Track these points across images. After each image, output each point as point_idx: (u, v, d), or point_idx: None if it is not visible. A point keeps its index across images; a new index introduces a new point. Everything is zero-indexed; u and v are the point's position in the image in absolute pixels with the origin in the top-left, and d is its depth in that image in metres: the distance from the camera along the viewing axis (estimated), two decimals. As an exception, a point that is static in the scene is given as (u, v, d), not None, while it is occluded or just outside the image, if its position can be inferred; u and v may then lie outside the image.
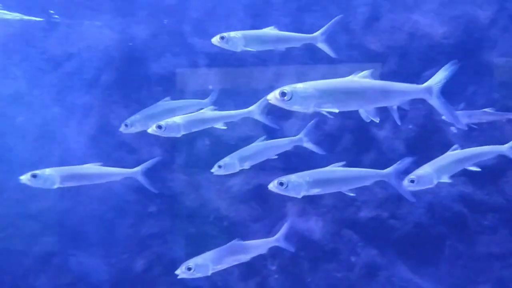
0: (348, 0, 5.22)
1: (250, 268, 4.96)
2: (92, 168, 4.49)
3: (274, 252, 5.05)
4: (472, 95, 5.18)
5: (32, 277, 5.29)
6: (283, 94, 2.92)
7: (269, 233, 5.16)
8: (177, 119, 4.33)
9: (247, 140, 4.64)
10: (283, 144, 4.45)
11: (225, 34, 4.05)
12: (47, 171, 4.18)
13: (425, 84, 3.10)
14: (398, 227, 5.06)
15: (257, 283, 5.11)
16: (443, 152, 3.98)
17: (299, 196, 3.82)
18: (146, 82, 5.73)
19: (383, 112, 3.22)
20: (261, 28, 4.29)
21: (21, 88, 5.53)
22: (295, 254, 4.79)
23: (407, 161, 3.87)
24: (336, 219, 5.05)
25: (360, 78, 3.12)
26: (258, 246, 4.43)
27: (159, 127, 4.25)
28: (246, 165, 4.36)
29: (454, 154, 3.93)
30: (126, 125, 4.59)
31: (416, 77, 4.63)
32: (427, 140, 5.18)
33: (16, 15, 5.54)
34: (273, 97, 2.96)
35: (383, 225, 5.07)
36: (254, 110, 4.43)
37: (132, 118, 4.60)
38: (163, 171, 5.67)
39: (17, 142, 5.43)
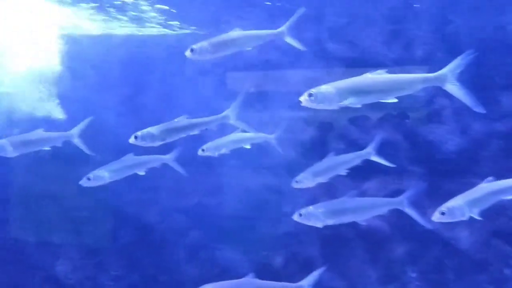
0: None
1: (389, 273, 4.92)
2: (36, 134, 4.90)
3: (414, 258, 4.95)
4: None
5: (184, 267, 5.94)
6: (310, 95, 3.31)
7: (406, 239, 5.07)
8: (152, 129, 4.45)
9: (383, 144, 4.61)
10: (351, 159, 4.45)
11: (194, 46, 4.11)
12: (2, 140, 4.72)
13: (438, 73, 3.31)
14: (561, 241, 4.59)
15: (396, 289, 5.07)
16: None
17: (320, 226, 4.05)
18: (280, 88, 6.01)
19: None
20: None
21: (175, 95, 6.22)
22: (438, 262, 4.63)
23: (419, 187, 3.93)
24: (485, 229, 4.71)
25: (374, 75, 3.37)
26: None
27: (135, 137, 4.39)
28: (318, 180, 4.46)
29: (487, 186, 3.60)
30: (88, 179, 4.83)
31: None
32: None
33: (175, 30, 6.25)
34: (303, 98, 3.34)
35: (542, 237, 4.63)
36: (228, 115, 4.56)
37: (96, 172, 4.83)
38: (296, 172, 5.91)
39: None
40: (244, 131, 4.97)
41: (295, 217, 4.10)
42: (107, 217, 6.08)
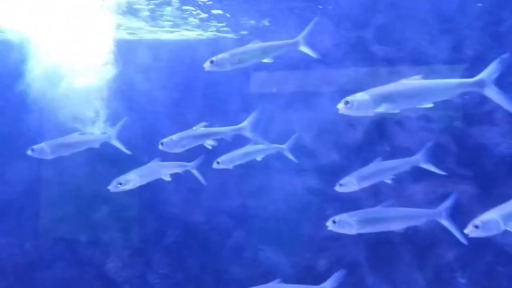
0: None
1: (438, 279, 4.78)
2: (74, 137, 5.09)
3: (464, 263, 4.79)
4: None
5: (228, 267, 6.01)
6: (346, 102, 3.34)
7: (456, 244, 4.91)
8: (174, 136, 4.66)
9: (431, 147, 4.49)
10: (399, 165, 4.36)
11: (213, 58, 4.22)
12: (41, 144, 4.93)
13: (476, 78, 3.22)
14: None
15: (445, 295, 4.91)
16: None
17: (353, 234, 4.03)
18: (323, 88, 5.98)
19: None
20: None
21: (222, 98, 6.31)
22: (490, 268, 4.45)
23: (454, 198, 3.88)
24: (542, 235, 4.50)
25: (410, 81, 3.36)
26: None
27: (161, 143, 4.66)
28: (363, 185, 4.37)
29: None
30: (120, 184, 4.87)
31: None
32: None
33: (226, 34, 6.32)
34: (340, 106, 3.37)
35: None
36: (245, 126, 4.71)
37: (125, 177, 4.90)
38: (340, 175, 5.86)
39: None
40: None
41: (328, 224, 4.10)
42: (153, 217, 6.25)
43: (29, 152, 4.98)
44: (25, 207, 6.07)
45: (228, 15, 6.16)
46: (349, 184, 4.43)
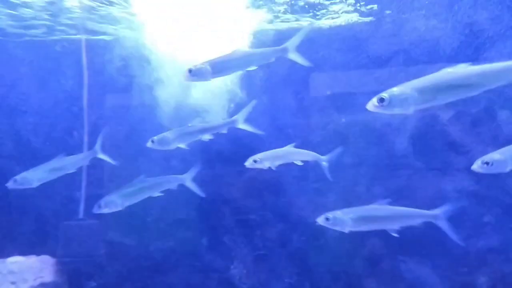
0: None
1: None
2: (60, 161, 4.82)
3: None
4: None
5: (363, 279, 5.30)
6: (381, 100, 2.94)
7: None
8: (168, 133, 4.62)
9: None
10: None
11: (192, 67, 3.97)
12: (23, 174, 4.65)
13: None
14: None
15: None
16: None
17: (346, 231, 3.94)
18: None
19: None
20: None
21: (349, 87, 5.66)
22: None
23: (457, 202, 3.91)
24: None
25: (454, 69, 2.97)
26: None
27: (152, 141, 4.59)
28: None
29: None
30: (99, 206, 4.59)
31: None
32: None
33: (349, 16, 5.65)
34: (371, 105, 2.99)
35: None
36: (237, 119, 4.66)
37: (107, 198, 4.60)
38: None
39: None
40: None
41: (320, 220, 3.96)
42: (277, 220, 5.75)
43: (10, 184, 4.64)
44: (149, 208, 5.96)
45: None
46: None
